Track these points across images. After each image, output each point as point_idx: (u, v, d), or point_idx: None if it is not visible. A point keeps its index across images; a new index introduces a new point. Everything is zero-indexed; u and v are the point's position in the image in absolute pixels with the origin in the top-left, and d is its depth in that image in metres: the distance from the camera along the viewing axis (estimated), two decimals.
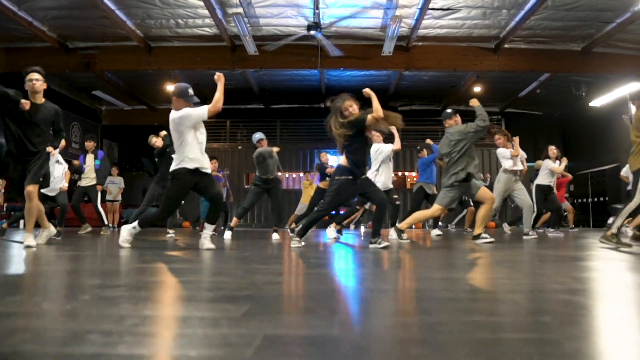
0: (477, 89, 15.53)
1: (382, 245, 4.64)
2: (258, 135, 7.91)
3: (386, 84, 16.11)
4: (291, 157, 17.19)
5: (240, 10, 10.48)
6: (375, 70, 13.66)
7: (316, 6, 9.99)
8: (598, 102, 14.33)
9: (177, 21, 11.31)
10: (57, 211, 8.29)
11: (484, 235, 5.75)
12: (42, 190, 6.41)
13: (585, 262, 3.46)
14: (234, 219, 7.40)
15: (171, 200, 4.54)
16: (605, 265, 3.18)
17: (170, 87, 15.29)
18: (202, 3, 10.05)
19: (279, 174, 7.72)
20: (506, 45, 12.22)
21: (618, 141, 14.52)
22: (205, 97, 19.00)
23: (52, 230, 5.04)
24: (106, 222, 8.77)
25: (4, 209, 13.71)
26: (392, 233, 6.28)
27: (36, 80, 4.76)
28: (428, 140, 9.67)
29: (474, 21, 11.19)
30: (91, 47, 12.56)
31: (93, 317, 1.34)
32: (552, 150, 8.82)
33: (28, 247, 4.43)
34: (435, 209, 5.95)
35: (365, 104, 5.09)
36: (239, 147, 17.27)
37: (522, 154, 7.94)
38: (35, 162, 4.64)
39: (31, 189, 4.57)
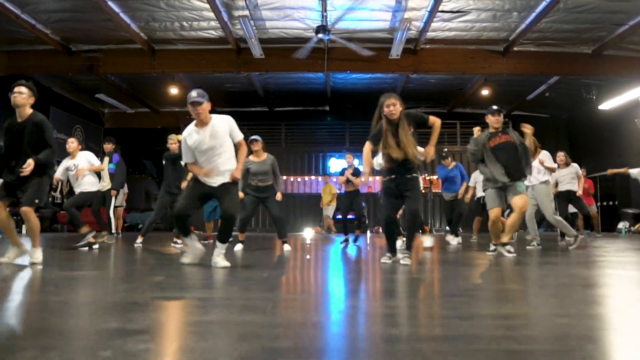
0: (485, 92, 15.36)
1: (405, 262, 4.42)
2: (251, 137, 7.08)
3: (392, 87, 15.90)
4: (296, 160, 17.01)
5: (246, 12, 10.31)
6: (382, 73, 13.48)
7: (324, 9, 9.81)
8: (607, 105, 14.13)
9: (181, 24, 11.13)
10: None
11: (508, 247, 5.45)
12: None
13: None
14: (240, 234, 6.78)
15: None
16: None
17: (174, 91, 15.20)
18: (207, 5, 9.88)
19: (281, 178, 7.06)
20: (515, 48, 12.04)
21: (627, 144, 14.35)
22: (209, 99, 18.85)
23: (24, 249, 4.65)
24: (113, 230, 8.53)
25: None
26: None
27: (18, 94, 4.56)
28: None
29: (484, 24, 11.01)
30: (94, 50, 12.39)
31: None
32: (560, 156, 8.42)
33: (33, 263, 4.30)
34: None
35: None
36: None
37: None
38: (31, 184, 4.42)
39: (26, 209, 4.41)
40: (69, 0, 9.86)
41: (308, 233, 15.17)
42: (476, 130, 6.11)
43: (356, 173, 8.18)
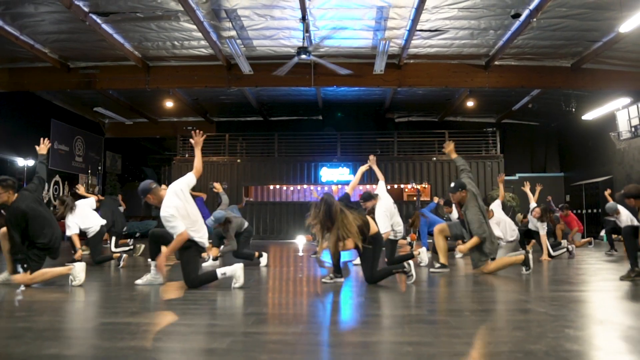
0: (471, 103, 15.79)
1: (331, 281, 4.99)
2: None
3: (382, 98, 16.38)
4: (289, 169, 17.48)
5: (233, 33, 10.80)
6: (368, 87, 13.95)
7: (306, 29, 10.27)
8: (590, 115, 14.50)
9: (173, 43, 11.63)
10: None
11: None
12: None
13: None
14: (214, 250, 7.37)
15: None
16: None
17: (169, 104, 15.75)
18: (196, 27, 10.37)
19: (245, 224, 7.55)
20: (496, 62, 12.44)
21: (610, 154, 14.70)
22: (205, 111, 19.33)
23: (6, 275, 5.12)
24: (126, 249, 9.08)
25: None
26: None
27: None
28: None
29: (463, 41, 11.42)
30: (91, 67, 12.93)
31: None
32: (537, 212, 8.27)
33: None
34: None
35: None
36: (238, 161, 17.58)
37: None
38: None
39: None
40: (65, 23, 10.37)
41: (300, 241, 15.66)
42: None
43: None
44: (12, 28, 10.53)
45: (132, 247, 9.42)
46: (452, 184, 6.02)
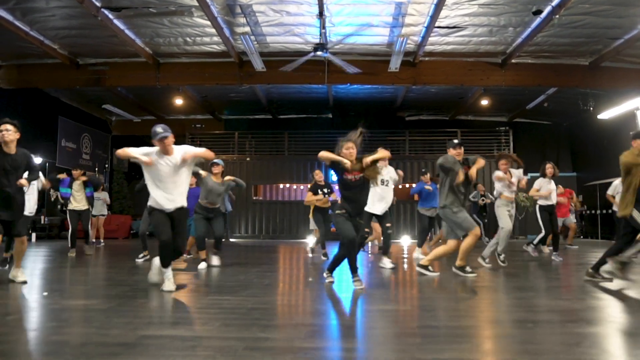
0: (485, 101, 15.54)
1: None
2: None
3: (394, 96, 16.16)
4: (299, 168, 17.27)
5: (247, 29, 10.58)
6: (381, 85, 13.72)
7: (322, 26, 10.06)
8: (606, 114, 14.26)
9: (185, 39, 11.43)
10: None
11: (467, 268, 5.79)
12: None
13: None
14: (200, 253, 7.06)
15: None
16: None
17: (179, 101, 15.54)
18: (209, 22, 10.16)
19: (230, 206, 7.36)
20: (513, 61, 12.21)
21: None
22: (213, 109, 19.18)
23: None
24: (93, 241, 9.24)
25: None
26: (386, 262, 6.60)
27: (6, 131, 4.96)
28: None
29: (481, 38, 11.20)
30: (101, 64, 12.73)
31: None
32: (549, 168, 8.20)
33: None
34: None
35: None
36: (247, 159, 17.37)
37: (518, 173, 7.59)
38: (19, 215, 5.00)
39: (24, 239, 5.05)
40: (75, 19, 10.17)
41: (311, 241, 15.42)
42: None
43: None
44: (22, 23, 10.33)
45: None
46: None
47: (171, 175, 4.64)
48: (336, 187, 7.95)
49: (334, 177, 9.79)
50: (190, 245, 8.40)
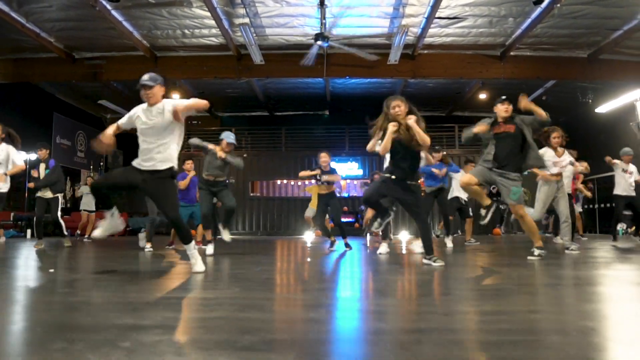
0: (483, 95, 15.53)
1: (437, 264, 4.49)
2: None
3: (391, 91, 16.07)
4: (296, 164, 17.16)
5: (247, 20, 10.50)
6: (381, 78, 13.67)
7: (323, 16, 10.00)
8: (604, 108, 14.30)
9: (183, 31, 11.33)
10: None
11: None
12: None
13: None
14: (206, 233, 6.82)
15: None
16: None
17: (175, 96, 15.39)
18: (208, 14, 10.07)
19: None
20: (512, 53, 12.21)
21: (624, 147, 14.48)
22: (210, 105, 19.05)
23: None
24: (66, 233, 8.41)
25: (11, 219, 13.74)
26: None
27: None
28: None
29: (480, 29, 11.19)
30: (98, 57, 12.59)
31: None
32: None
33: None
34: None
35: None
36: (245, 155, 17.25)
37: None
38: None
39: None
40: (73, 10, 10.04)
41: (308, 237, 15.33)
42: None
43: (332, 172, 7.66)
44: (18, 15, 10.19)
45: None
46: None
47: (155, 132, 3.96)
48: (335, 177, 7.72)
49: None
50: (200, 235, 8.20)
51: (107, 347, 1.60)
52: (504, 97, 5.56)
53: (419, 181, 5.98)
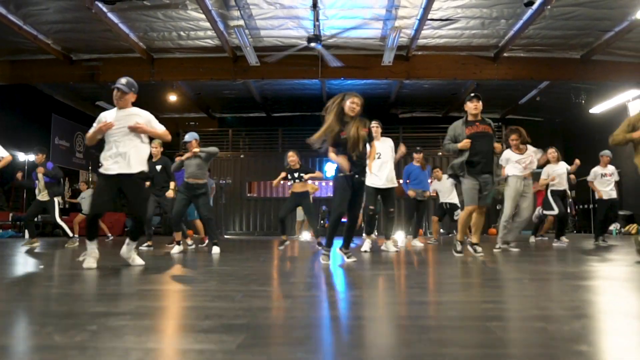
0: None
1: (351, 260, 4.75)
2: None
3: (387, 92, 16.24)
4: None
5: (241, 22, 10.64)
6: (375, 79, 13.79)
7: (316, 18, 10.12)
8: (598, 108, 14.40)
9: (179, 33, 11.46)
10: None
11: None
12: None
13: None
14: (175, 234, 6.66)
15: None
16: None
17: (172, 98, 15.53)
18: (203, 16, 10.20)
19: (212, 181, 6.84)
20: (505, 54, 12.33)
21: (618, 148, 14.53)
22: (207, 107, 19.13)
23: None
24: (71, 235, 8.36)
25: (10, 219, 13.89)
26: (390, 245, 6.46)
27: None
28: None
29: (473, 31, 11.30)
30: (95, 59, 12.74)
31: (100, 350, 1.46)
32: (552, 153, 8.42)
33: None
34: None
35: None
36: (241, 156, 17.39)
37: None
38: None
39: None
40: (70, 12, 10.19)
41: (304, 237, 15.43)
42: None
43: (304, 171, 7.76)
44: (16, 17, 10.34)
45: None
46: None
47: (123, 133, 4.20)
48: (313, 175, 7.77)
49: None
50: (202, 231, 8.42)
51: (74, 330, 1.71)
52: (472, 94, 5.65)
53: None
